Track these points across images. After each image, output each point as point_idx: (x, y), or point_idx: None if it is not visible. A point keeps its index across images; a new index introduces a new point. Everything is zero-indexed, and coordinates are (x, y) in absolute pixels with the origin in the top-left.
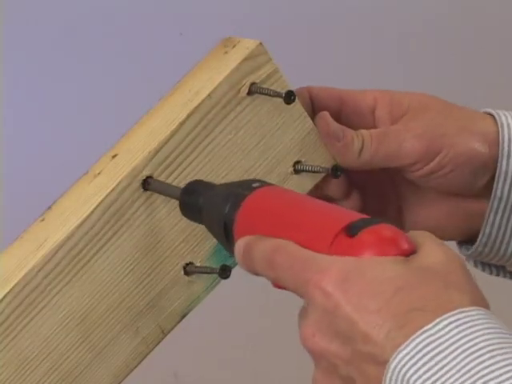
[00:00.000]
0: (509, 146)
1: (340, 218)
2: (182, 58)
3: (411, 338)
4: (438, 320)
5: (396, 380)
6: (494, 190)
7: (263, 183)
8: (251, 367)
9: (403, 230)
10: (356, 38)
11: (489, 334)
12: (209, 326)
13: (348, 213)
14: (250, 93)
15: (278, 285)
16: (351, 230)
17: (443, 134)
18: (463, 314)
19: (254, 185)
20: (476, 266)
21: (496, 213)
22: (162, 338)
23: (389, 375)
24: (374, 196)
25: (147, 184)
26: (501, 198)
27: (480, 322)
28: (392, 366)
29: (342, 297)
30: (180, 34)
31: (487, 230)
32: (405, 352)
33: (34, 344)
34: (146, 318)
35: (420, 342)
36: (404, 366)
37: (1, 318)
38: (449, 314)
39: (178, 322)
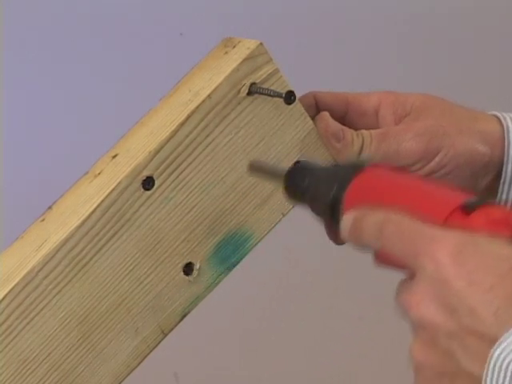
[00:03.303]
0: None
1: (455, 196)
2: (182, 58)
3: None
4: None
5: (500, 367)
6: (499, 194)
7: (366, 164)
8: (251, 367)
9: None
10: (356, 37)
11: None
12: (209, 326)
13: (462, 192)
14: (250, 93)
15: (381, 258)
16: (467, 208)
17: (444, 133)
18: None
19: (360, 164)
20: None
21: None
22: (162, 338)
23: (493, 361)
24: None
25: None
26: (506, 202)
27: None
28: (496, 354)
29: (454, 270)
30: (180, 34)
31: None
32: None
33: (34, 344)
34: (146, 318)
35: None
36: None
37: (1, 318)
38: None
39: (178, 322)
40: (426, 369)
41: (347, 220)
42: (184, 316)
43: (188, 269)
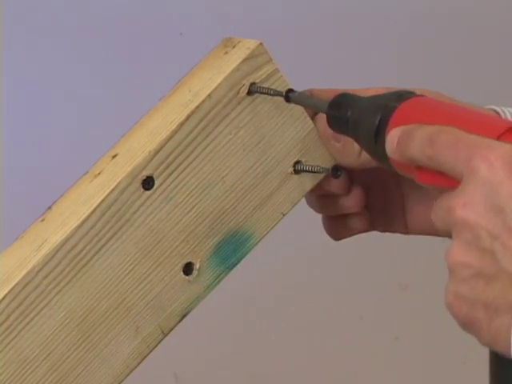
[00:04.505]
0: None
1: (504, 121)
2: (182, 58)
3: None
4: None
5: None
6: None
7: (410, 94)
8: (251, 367)
9: (406, 227)
10: (356, 37)
11: None
12: (209, 326)
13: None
14: (249, 93)
15: (424, 173)
16: None
17: None
18: None
19: (402, 96)
20: None
21: None
22: (162, 339)
23: None
24: (378, 194)
25: (289, 98)
26: None
27: None
28: None
29: (507, 174)
30: (180, 34)
31: None
32: None
33: (34, 344)
34: (146, 318)
35: None
36: None
37: (1, 318)
38: None
39: (178, 322)
40: (463, 269)
41: (395, 132)
42: (184, 316)
43: (188, 269)
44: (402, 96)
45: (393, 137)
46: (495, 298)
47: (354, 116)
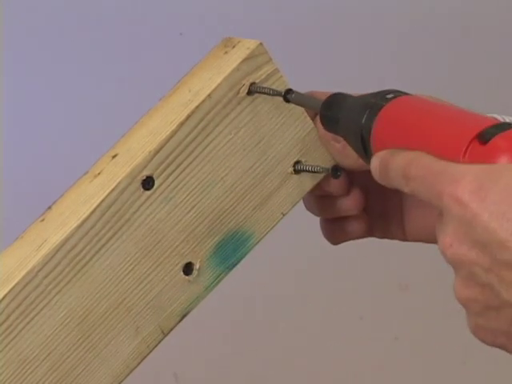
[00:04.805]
0: None
1: (472, 126)
2: (181, 58)
3: None
4: None
5: None
6: None
7: (398, 93)
8: (251, 367)
9: (404, 233)
10: (356, 37)
11: None
12: (209, 326)
13: (481, 119)
14: (249, 93)
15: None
16: (483, 137)
17: None
18: None
19: (389, 95)
20: None
21: None
22: (162, 338)
23: None
24: (377, 196)
25: (287, 98)
26: None
27: None
28: None
29: (478, 206)
30: (180, 34)
31: None
32: None
33: (34, 344)
34: (146, 318)
35: None
36: None
37: (1, 318)
38: None
39: (178, 322)
40: (472, 304)
41: (374, 163)
42: (184, 316)
43: (188, 269)
44: (389, 95)
45: (374, 165)
46: (510, 326)
47: (344, 115)
